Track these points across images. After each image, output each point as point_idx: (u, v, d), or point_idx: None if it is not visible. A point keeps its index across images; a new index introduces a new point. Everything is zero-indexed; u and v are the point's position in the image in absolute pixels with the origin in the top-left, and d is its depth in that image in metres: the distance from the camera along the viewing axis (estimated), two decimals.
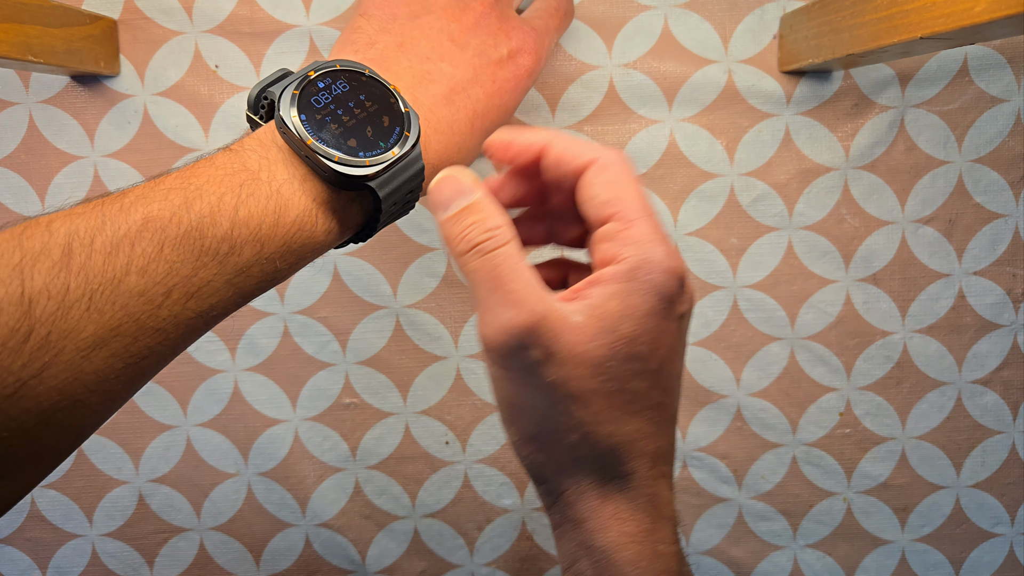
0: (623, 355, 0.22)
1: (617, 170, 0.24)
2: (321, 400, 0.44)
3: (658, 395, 0.23)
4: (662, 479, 0.24)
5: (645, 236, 0.23)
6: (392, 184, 0.26)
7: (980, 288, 0.43)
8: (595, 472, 0.23)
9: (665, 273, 0.22)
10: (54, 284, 0.20)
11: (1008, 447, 0.44)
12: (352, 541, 0.45)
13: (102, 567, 0.46)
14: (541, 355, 0.22)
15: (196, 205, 0.23)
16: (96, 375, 0.21)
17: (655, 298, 0.22)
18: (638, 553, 0.23)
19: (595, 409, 0.22)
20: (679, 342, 0.24)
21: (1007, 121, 0.41)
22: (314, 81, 0.26)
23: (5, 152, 0.42)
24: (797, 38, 0.39)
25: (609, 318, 0.22)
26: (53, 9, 0.35)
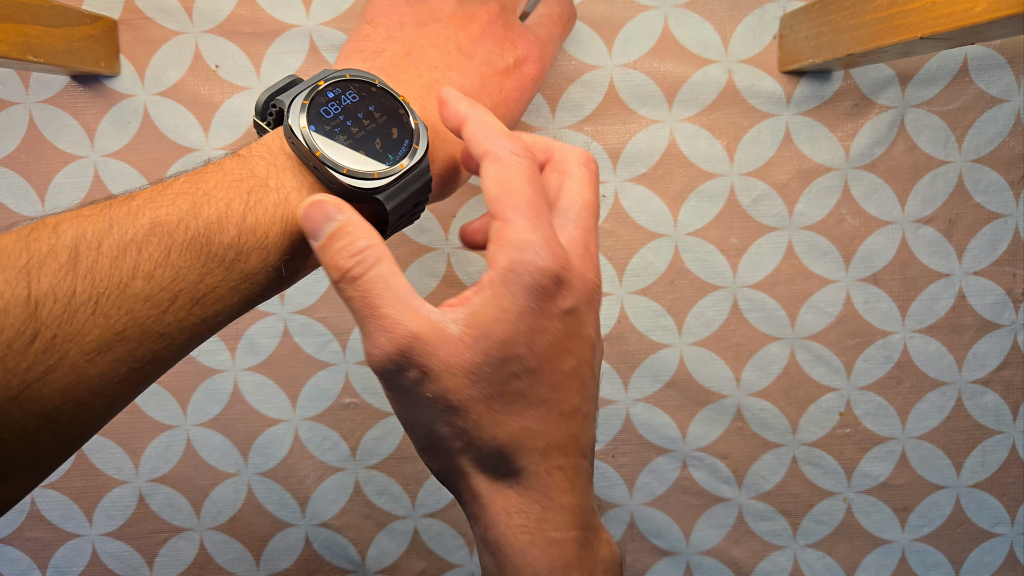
0: (498, 359, 0.22)
1: (507, 165, 0.24)
2: (321, 400, 0.44)
3: (544, 392, 0.23)
4: (557, 471, 0.24)
5: (518, 236, 0.23)
6: (400, 196, 0.26)
7: (980, 288, 0.43)
8: (485, 473, 0.24)
9: (536, 272, 0.22)
10: (60, 287, 0.20)
11: (1008, 447, 0.44)
12: (352, 541, 0.45)
13: (102, 567, 0.46)
14: (418, 375, 0.23)
15: (204, 211, 0.23)
16: (100, 379, 0.21)
17: (526, 298, 0.22)
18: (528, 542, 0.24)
19: (475, 416, 0.23)
20: (567, 337, 0.24)
21: (1007, 121, 0.41)
22: (324, 91, 0.26)
23: (5, 152, 0.42)
24: (797, 38, 0.39)
25: (483, 324, 0.22)
26: (53, 9, 0.35)
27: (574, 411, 0.24)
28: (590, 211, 0.26)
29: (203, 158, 0.42)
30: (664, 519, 0.44)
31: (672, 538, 0.45)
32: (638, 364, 0.43)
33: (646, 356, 0.43)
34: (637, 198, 0.42)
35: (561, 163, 0.26)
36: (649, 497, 0.44)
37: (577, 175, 0.26)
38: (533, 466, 0.24)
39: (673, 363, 0.43)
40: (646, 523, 0.45)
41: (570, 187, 0.26)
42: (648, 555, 0.45)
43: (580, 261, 0.24)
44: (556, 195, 0.26)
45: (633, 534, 0.45)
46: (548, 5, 0.36)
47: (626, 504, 0.44)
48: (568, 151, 0.27)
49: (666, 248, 0.42)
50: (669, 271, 0.43)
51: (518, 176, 0.24)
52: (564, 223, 0.25)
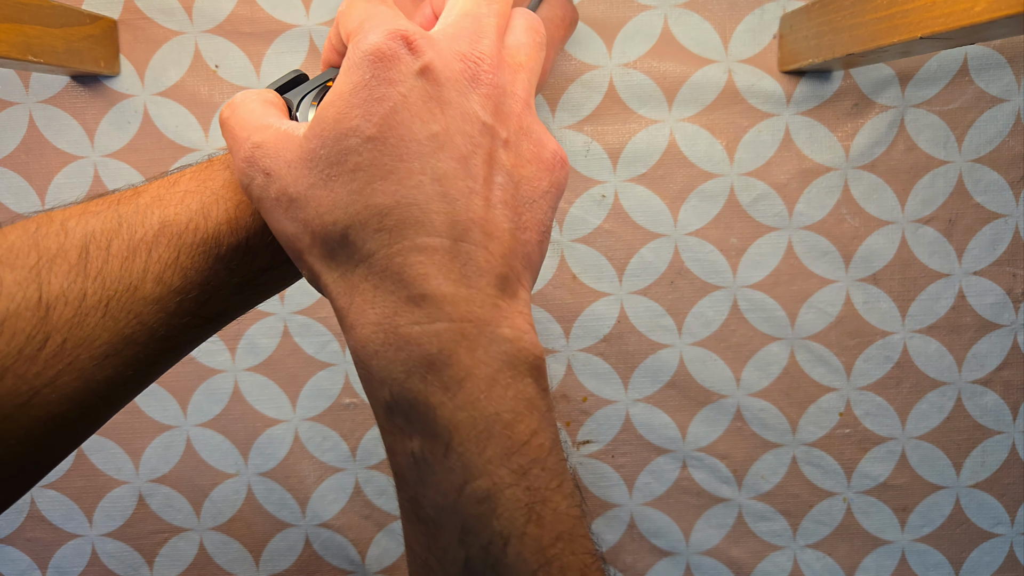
0: (332, 137, 0.21)
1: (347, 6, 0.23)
2: (321, 400, 0.44)
3: (390, 162, 0.21)
4: (414, 253, 0.20)
5: (355, 30, 0.22)
6: None
7: (980, 288, 0.43)
8: (337, 265, 0.21)
9: (370, 44, 0.21)
10: (71, 289, 0.20)
11: (1008, 447, 0.44)
12: (352, 541, 0.45)
13: (102, 567, 0.46)
14: (262, 179, 0.22)
15: (213, 212, 0.23)
16: (107, 382, 0.21)
17: (360, 70, 0.21)
18: (382, 342, 0.20)
19: (315, 203, 0.21)
20: (421, 102, 0.21)
21: (1007, 121, 0.41)
22: None
23: (5, 152, 0.42)
24: (797, 38, 0.39)
25: (321, 113, 0.21)
26: (53, 9, 0.35)
27: (441, 182, 0.21)
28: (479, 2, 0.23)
29: (203, 158, 0.42)
30: (664, 519, 0.44)
31: (672, 538, 0.45)
32: (638, 364, 0.43)
33: (646, 356, 0.43)
34: (637, 198, 0.42)
35: None
36: (649, 497, 0.44)
37: None
38: (383, 249, 0.20)
39: (673, 363, 0.43)
40: (646, 523, 0.44)
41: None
42: (648, 555, 0.45)
43: (449, 37, 0.22)
44: None
45: (633, 534, 0.45)
46: (549, 8, 0.36)
47: (626, 504, 0.44)
48: None
49: (666, 248, 0.42)
50: (669, 271, 0.43)
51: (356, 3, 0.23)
52: (446, 16, 0.23)
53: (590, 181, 0.42)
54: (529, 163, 0.23)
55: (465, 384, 0.20)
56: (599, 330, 0.43)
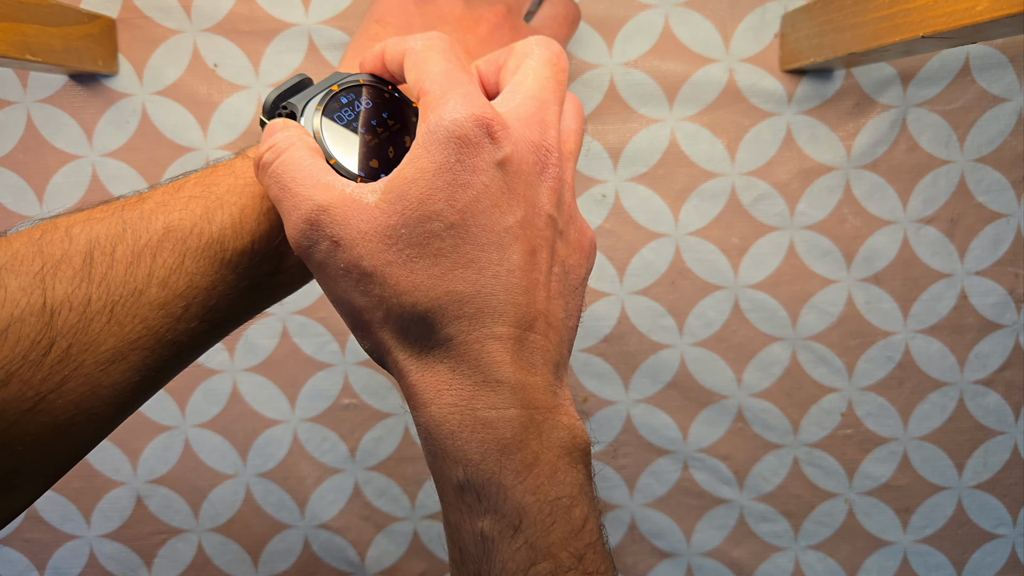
0: (415, 218, 0.21)
1: (419, 50, 0.23)
2: (320, 401, 0.44)
3: (471, 251, 0.21)
4: (491, 341, 0.21)
5: (436, 99, 0.22)
6: None
7: (982, 288, 0.42)
8: (412, 345, 0.22)
9: (454, 124, 0.21)
10: (76, 294, 0.20)
11: (1010, 448, 0.44)
12: (351, 542, 0.45)
13: (100, 568, 0.45)
14: (329, 246, 0.21)
15: (218, 216, 0.22)
16: (113, 388, 0.21)
17: (444, 152, 0.21)
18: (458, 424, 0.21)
19: (393, 282, 0.21)
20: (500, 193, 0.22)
21: (1009, 120, 0.41)
22: (337, 96, 0.25)
23: (3, 151, 0.42)
24: (798, 37, 0.39)
25: (399, 187, 0.21)
26: (51, 8, 0.35)
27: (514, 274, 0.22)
28: (544, 85, 0.24)
29: (202, 157, 0.42)
30: (665, 520, 0.44)
31: (673, 539, 0.44)
32: (639, 364, 0.43)
33: (647, 356, 0.43)
34: (638, 198, 0.42)
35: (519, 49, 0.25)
36: (650, 498, 0.44)
37: (535, 54, 0.25)
38: (463, 335, 0.21)
39: (674, 364, 0.43)
40: (647, 524, 0.44)
41: (526, 65, 0.24)
42: (649, 556, 0.45)
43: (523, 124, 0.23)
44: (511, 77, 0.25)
45: (634, 535, 0.44)
46: (552, 7, 0.36)
47: (627, 505, 0.44)
48: (528, 39, 0.25)
49: (667, 248, 0.42)
50: (670, 271, 0.42)
51: (432, 53, 0.23)
52: (513, 95, 0.24)
53: (591, 181, 0.42)
54: (575, 252, 0.24)
55: (534, 469, 0.21)
56: (600, 330, 0.43)
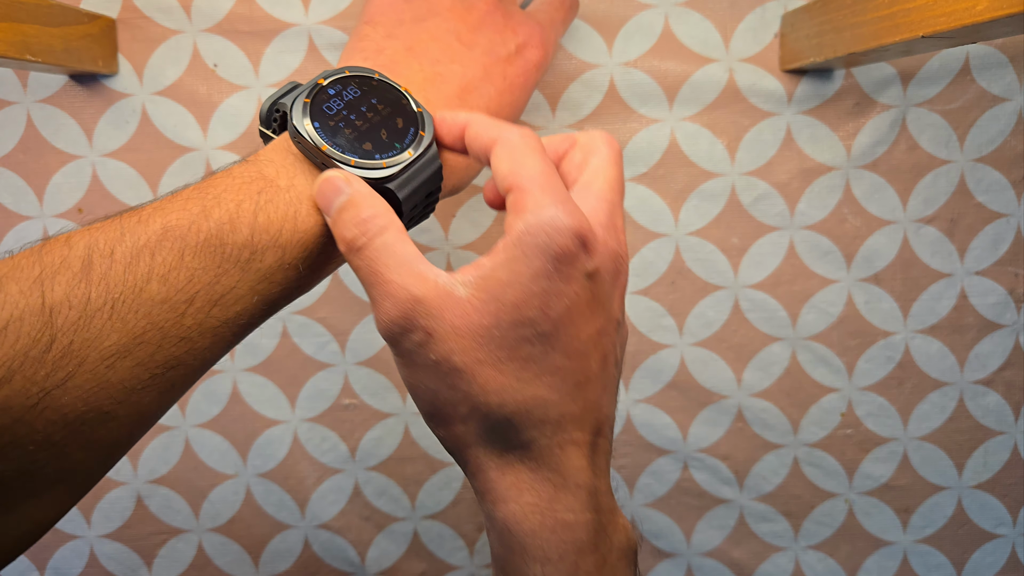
0: (508, 322, 0.22)
1: (516, 144, 0.24)
2: (320, 401, 0.44)
3: (559, 359, 0.22)
4: (571, 446, 0.23)
5: (535, 202, 0.22)
6: (411, 185, 0.25)
7: (982, 288, 0.42)
8: (493, 443, 0.23)
9: (554, 233, 0.22)
10: (75, 294, 0.20)
11: (1010, 448, 0.44)
12: (351, 542, 0.45)
13: (100, 568, 0.45)
14: (421, 337, 0.22)
15: (215, 212, 0.23)
16: (122, 385, 0.21)
17: (542, 259, 0.22)
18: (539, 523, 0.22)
19: (482, 380, 0.22)
20: (588, 304, 0.23)
21: (1009, 120, 0.41)
22: (325, 88, 0.26)
23: (3, 152, 0.42)
24: (798, 36, 0.39)
25: (494, 287, 0.22)
26: (51, 8, 0.35)
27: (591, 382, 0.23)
28: (614, 186, 0.25)
29: (202, 157, 0.42)
30: (665, 520, 0.44)
31: (673, 539, 0.44)
32: (639, 364, 0.43)
33: (647, 356, 0.43)
34: (638, 197, 0.42)
35: (584, 144, 0.26)
36: (650, 498, 0.44)
37: (602, 152, 0.25)
38: (545, 439, 0.22)
39: (674, 363, 0.43)
40: (647, 524, 0.44)
41: (593, 163, 0.25)
42: (649, 556, 0.45)
43: (603, 230, 0.23)
44: (579, 173, 0.25)
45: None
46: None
47: (627, 505, 0.44)
48: (593, 133, 0.26)
49: (667, 248, 0.42)
50: (670, 271, 0.42)
51: (529, 153, 0.24)
52: (587, 196, 0.24)
53: None
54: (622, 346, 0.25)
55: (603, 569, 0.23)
56: None
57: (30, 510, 0.21)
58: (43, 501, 0.22)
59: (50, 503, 0.22)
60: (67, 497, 0.22)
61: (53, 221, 0.42)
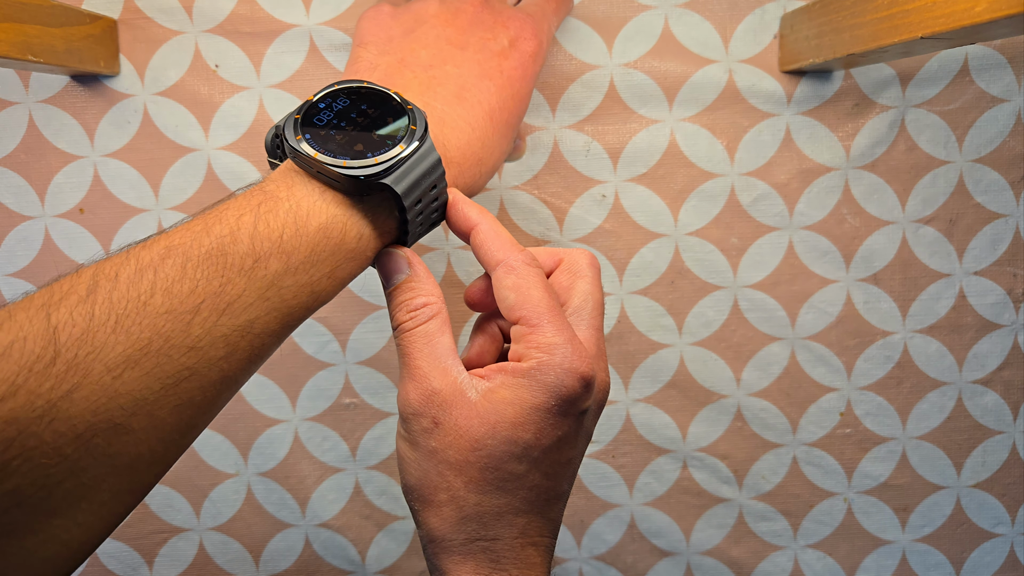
0: (503, 438, 0.24)
1: (522, 274, 0.26)
2: (321, 400, 0.44)
3: (538, 478, 0.25)
4: (531, 547, 0.26)
5: (547, 341, 0.25)
6: (408, 178, 0.25)
7: (981, 288, 0.43)
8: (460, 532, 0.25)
9: (563, 374, 0.24)
10: (78, 311, 0.21)
11: (1008, 447, 0.44)
12: (352, 541, 0.45)
13: (101, 567, 0.45)
14: (429, 424, 0.25)
15: (215, 228, 0.23)
16: (131, 396, 0.21)
17: (546, 395, 0.24)
18: None
19: (466, 478, 0.25)
20: (575, 434, 0.26)
21: (1007, 121, 0.41)
22: (315, 104, 0.26)
23: (5, 152, 0.42)
24: (798, 38, 0.39)
25: (498, 403, 0.25)
26: (53, 9, 0.35)
27: (560, 496, 0.26)
28: (599, 310, 0.28)
29: (203, 157, 0.42)
30: (664, 519, 0.44)
31: (672, 538, 0.45)
32: (638, 364, 0.43)
33: (646, 356, 0.43)
34: (637, 198, 0.42)
35: (571, 265, 0.28)
36: (649, 497, 0.44)
37: (587, 275, 0.28)
38: (510, 538, 0.25)
39: (673, 363, 0.43)
40: (646, 523, 0.44)
41: (581, 287, 0.27)
42: (648, 555, 0.45)
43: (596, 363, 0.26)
44: (568, 295, 0.28)
45: (633, 534, 0.45)
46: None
47: (626, 504, 0.44)
48: (577, 254, 0.29)
49: (666, 248, 0.42)
50: (669, 271, 0.42)
51: (535, 284, 0.26)
52: (578, 322, 0.27)
53: (590, 181, 0.42)
54: None
55: None
56: None
57: (54, 530, 0.21)
58: (66, 521, 0.21)
59: (74, 523, 0.21)
60: (93, 518, 0.22)
61: (54, 221, 0.42)
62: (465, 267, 0.43)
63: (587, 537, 0.45)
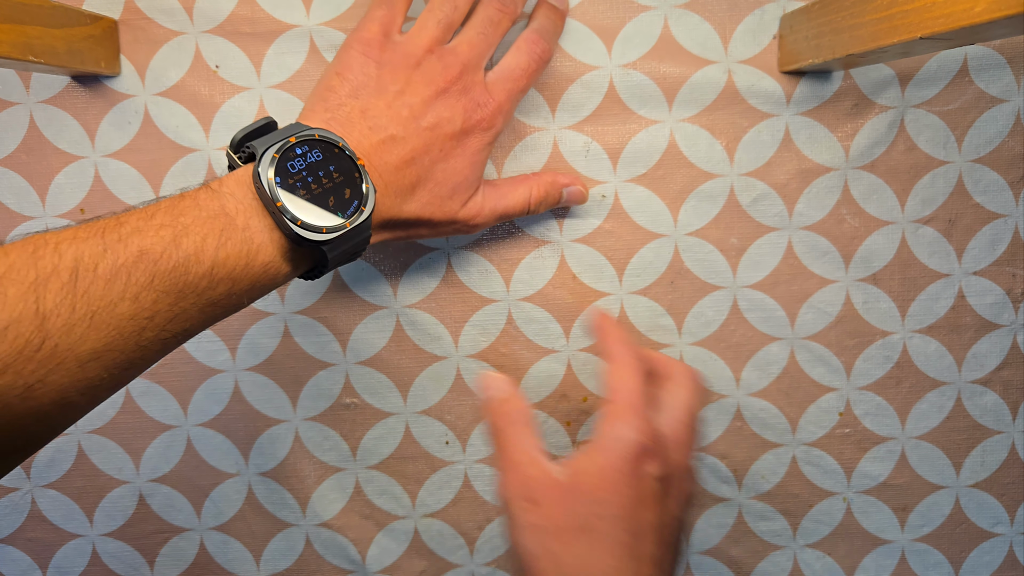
0: (587, 499, 0.30)
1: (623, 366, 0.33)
2: (321, 400, 0.44)
3: (623, 536, 0.29)
4: None
5: (620, 418, 0.31)
6: (340, 247, 0.30)
7: (980, 288, 0.43)
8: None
9: (626, 442, 0.30)
10: (63, 303, 0.24)
11: (1008, 447, 0.44)
12: (352, 541, 0.45)
13: (103, 567, 0.46)
14: (527, 504, 0.31)
15: (183, 243, 0.27)
16: (88, 382, 0.25)
17: (616, 458, 0.30)
18: None
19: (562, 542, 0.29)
20: (653, 498, 0.30)
21: (1007, 121, 0.42)
22: (293, 147, 0.30)
23: (6, 152, 0.42)
24: (797, 38, 0.39)
25: (580, 473, 0.30)
26: (54, 9, 0.35)
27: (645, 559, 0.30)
28: (686, 412, 0.33)
29: (204, 158, 0.42)
30: None
31: None
32: None
33: None
34: (637, 198, 0.42)
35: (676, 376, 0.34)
36: None
37: (688, 387, 0.34)
38: None
39: None
40: None
41: (680, 394, 0.34)
42: None
43: (674, 445, 0.32)
44: (668, 397, 0.33)
45: None
46: (515, 56, 0.37)
47: None
48: (679, 366, 0.35)
49: (666, 248, 0.42)
50: (669, 271, 0.43)
51: (629, 377, 0.32)
52: (667, 418, 0.32)
53: (590, 181, 0.42)
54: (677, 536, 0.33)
55: None
56: None
57: None
58: None
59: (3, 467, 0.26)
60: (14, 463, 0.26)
61: (55, 221, 0.42)
62: (465, 267, 0.43)
63: None
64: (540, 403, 0.44)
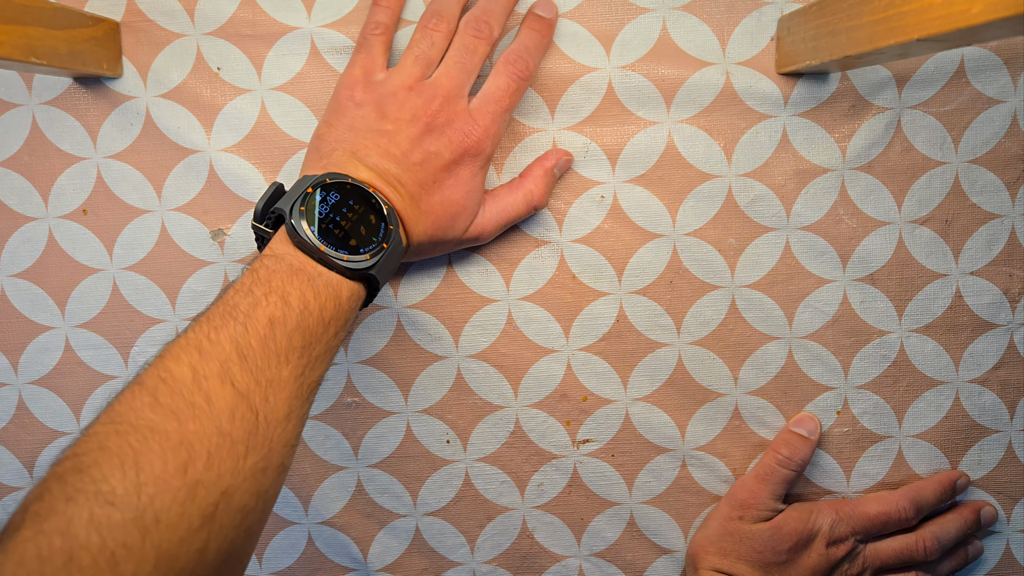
0: (779, 549, 0.41)
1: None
2: (322, 399, 0.44)
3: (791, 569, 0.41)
4: None
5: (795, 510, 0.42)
6: (387, 268, 0.34)
7: (977, 288, 0.43)
8: None
9: (792, 525, 0.41)
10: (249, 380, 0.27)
11: (1005, 446, 0.44)
12: (354, 539, 0.45)
13: None
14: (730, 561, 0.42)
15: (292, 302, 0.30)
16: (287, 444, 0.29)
17: (791, 532, 0.41)
18: None
19: None
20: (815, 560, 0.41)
21: (1003, 122, 0.42)
22: (312, 195, 0.33)
23: (8, 153, 0.42)
24: (794, 40, 0.39)
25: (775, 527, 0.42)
26: (56, 11, 0.35)
27: None
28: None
29: (205, 159, 0.42)
30: (663, 517, 0.45)
31: (671, 536, 0.45)
32: (637, 363, 0.44)
33: (645, 355, 0.43)
34: (636, 199, 0.42)
35: None
36: (648, 496, 0.45)
37: None
38: None
39: (671, 362, 0.43)
40: (645, 521, 0.45)
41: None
42: (647, 553, 0.45)
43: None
44: None
45: (632, 532, 0.45)
46: (495, 78, 0.38)
47: (625, 503, 0.45)
48: None
49: (665, 248, 0.43)
50: (668, 271, 0.43)
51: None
52: None
53: (589, 182, 0.42)
54: None
55: None
56: (598, 329, 0.43)
57: None
58: None
59: None
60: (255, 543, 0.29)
61: (58, 222, 0.43)
62: (466, 267, 0.43)
63: (587, 535, 0.45)
64: (540, 403, 0.44)
